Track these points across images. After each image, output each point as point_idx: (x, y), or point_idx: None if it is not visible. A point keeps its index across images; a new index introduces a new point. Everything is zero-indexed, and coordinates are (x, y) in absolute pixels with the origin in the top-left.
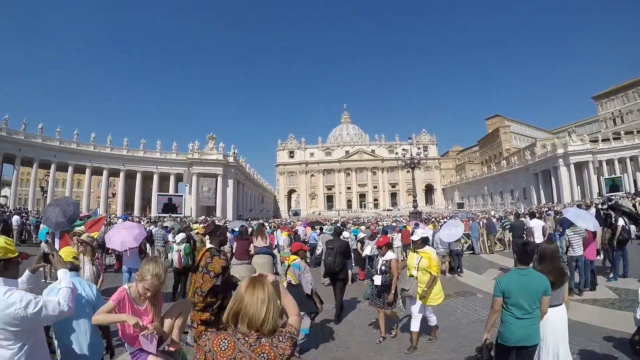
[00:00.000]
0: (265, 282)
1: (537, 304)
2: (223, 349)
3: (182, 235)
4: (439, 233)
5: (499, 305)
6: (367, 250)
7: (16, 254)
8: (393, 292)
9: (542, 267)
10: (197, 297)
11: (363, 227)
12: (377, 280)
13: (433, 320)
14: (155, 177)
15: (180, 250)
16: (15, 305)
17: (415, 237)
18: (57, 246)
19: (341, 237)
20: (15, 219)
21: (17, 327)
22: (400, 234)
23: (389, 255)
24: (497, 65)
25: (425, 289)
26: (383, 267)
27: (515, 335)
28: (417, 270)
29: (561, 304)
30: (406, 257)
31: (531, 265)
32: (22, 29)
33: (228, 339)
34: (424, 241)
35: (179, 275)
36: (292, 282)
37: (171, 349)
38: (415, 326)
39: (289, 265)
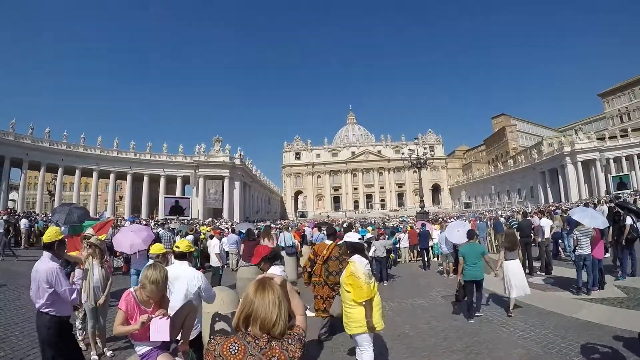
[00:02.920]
0: (273, 284)
1: (480, 260)
2: (233, 352)
3: (190, 238)
4: (443, 233)
5: (462, 261)
6: (371, 252)
7: (192, 249)
8: None
9: (506, 239)
10: (331, 279)
11: (369, 228)
12: None
13: (366, 357)
14: (162, 180)
15: None
16: (197, 282)
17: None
18: None
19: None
20: (23, 223)
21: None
22: (407, 235)
23: (273, 271)
24: (503, 64)
25: (342, 312)
26: None
27: (471, 275)
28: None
29: (516, 259)
30: (414, 257)
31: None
32: (25, 30)
33: (238, 342)
34: (352, 247)
35: None
36: None
37: (181, 349)
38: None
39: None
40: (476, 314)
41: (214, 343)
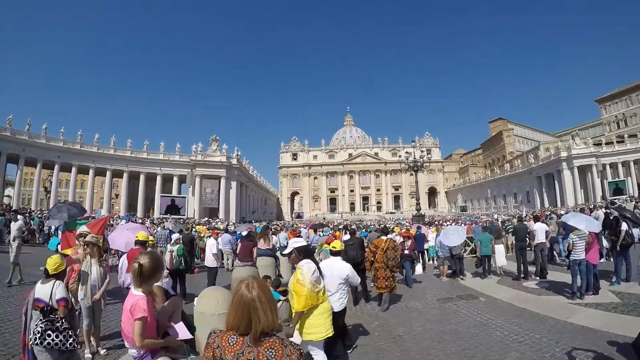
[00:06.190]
0: (264, 283)
1: (489, 243)
2: (231, 344)
3: (176, 236)
4: (439, 237)
5: (479, 243)
6: None
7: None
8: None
9: (496, 232)
10: (390, 263)
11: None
12: None
13: None
14: (159, 179)
15: (173, 251)
16: (346, 271)
17: (286, 250)
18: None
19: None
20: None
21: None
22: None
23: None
24: (501, 68)
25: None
26: None
27: (484, 252)
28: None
29: (501, 244)
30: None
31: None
32: (23, 28)
33: (236, 335)
34: (301, 252)
35: (175, 275)
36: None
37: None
38: None
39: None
40: (488, 276)
41: (214, 336)
